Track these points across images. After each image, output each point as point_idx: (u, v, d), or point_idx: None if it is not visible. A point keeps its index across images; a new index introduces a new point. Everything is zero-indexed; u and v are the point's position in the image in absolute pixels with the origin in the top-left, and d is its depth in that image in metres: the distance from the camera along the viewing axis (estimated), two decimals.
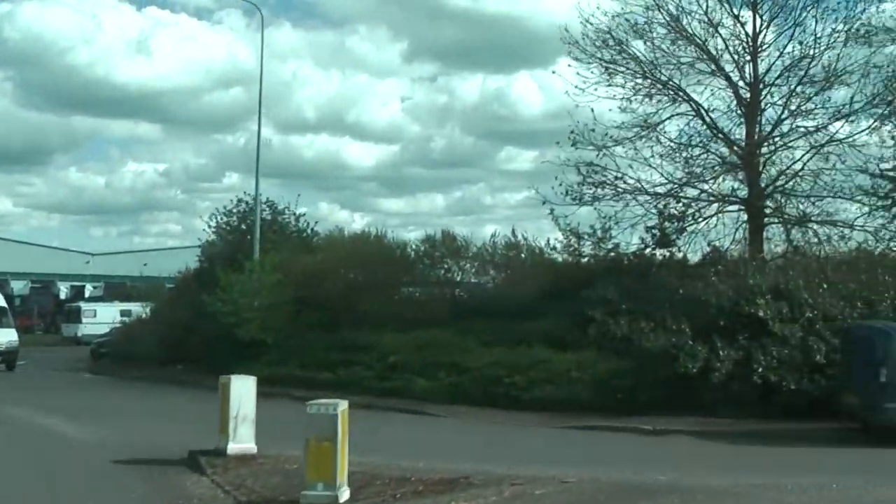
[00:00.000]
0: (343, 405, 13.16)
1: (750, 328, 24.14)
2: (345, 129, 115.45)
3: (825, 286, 25.23)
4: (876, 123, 29.89)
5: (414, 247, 36.25)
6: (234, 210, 42.37)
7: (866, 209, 30.09)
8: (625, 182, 29.78)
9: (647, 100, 30.18)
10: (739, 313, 24.43)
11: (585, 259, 31.93)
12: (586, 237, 31.28)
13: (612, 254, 31.02)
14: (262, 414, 17.75)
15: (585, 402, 24.47)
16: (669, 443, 21.46)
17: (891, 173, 32.24)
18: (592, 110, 29.31)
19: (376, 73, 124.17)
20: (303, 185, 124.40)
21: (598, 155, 29.93)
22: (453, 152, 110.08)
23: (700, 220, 30.04)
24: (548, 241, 32.92)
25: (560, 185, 29.81)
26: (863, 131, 29.56)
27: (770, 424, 22.30)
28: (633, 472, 16.24)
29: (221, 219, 42.49)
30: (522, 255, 34.81)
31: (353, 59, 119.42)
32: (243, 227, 41.52)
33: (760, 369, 23.20)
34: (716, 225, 30.03)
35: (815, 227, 29.41)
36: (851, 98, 29.45)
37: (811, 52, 29.31)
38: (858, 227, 29.56)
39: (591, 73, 29.91)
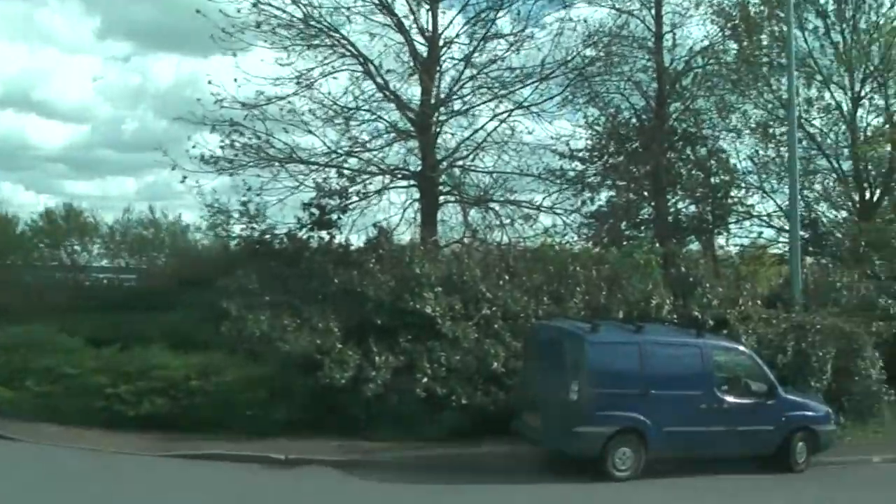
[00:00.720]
0: None
1: (415, 328, 20.14)
2: (31, 107, 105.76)
3: (507, 277, 21.65)
4: (567, 93, 26.94)
5: (30, 222, 29.90)
6: None
7: (554, 189, 27.05)
8: (272, 146, 24.55)
9: (306, 51, 25.02)
10: (402, 309, 20.27)
11: (235, 241, 26.36)
12: (236, 215, 25.74)
13: (267, 235, 25.58)
14: None
15: (208, 420, 19.33)
16: (301, 478, 16.90)
17: (582, 154, 29.39)
18: (235, 54, 24.03)
19: (67, 50, 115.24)
20: None
21: (245, 116, 24.63)
22: (146, 135, 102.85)
23: (365, 196, 25.38)
24: (179, 216, 27.54)
25: (194, 146, 24.42)
26: (550, 98, 26.53)
27: (435, 449, 18.49)
28: None
29: None
30: (162, 236, 29.29)
31: (42, 33, 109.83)
32: None
33: (425, 379, 19.21)
34: (379, 202, 25.80)
35: (497, 207, 25.67)
36: (542, 62, 25.86)
37: (498, 4, 25.19)
38: (545, 210, 26.30)
39: (239, 13, 24.36)
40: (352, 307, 20.66)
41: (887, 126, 31.66)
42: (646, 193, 31.29)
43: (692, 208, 32.99)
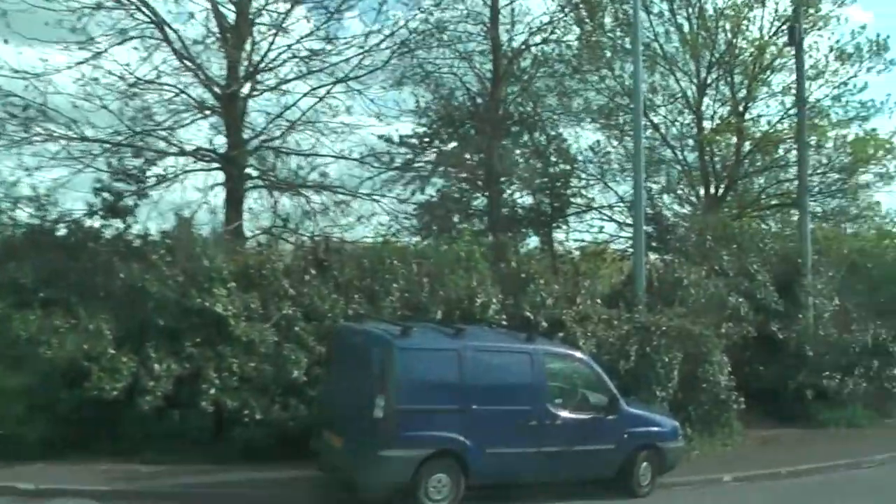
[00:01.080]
0: None
1: (203, 330, 17.50)
2: None
3: (314, 272, 19.11)
4: (395, 70, 25.40)
5: None
6: None
7: (375, 174, 25.08)
8: (51, 120, 21.44)
9: (99, 13, 21.87)
10: (189, 308, 17.56)
11: (23, 230, 23.25)
12: (26, 201, 22.52)
13: (60, 224, 22.57)
14: None
15: None
16: None
17: (412, 140, 27.44)
18: (5, 13, 20.82)
19: None
20: None
21: (26, 87, 21.47)
22: None
23: (163, 179, 22.52)
24: None
25: None
26: (372, 72, 23.85)
27: (223, 473, 15.96)
28: None
29: None
30: None
31: None
32: None
33: (213, 390, 16.80)
34: (170, 185, 22.75)
35: (311, 194, 23.26)
36: (367, 35, 23.53)
37: None
38: (364, 197, 24.09)
39: None
40: (133, 306, 17.90)
41: (733, 116, 30.53)
42: (479, 183, 29.35)
43: (529, 199, 31.28)
